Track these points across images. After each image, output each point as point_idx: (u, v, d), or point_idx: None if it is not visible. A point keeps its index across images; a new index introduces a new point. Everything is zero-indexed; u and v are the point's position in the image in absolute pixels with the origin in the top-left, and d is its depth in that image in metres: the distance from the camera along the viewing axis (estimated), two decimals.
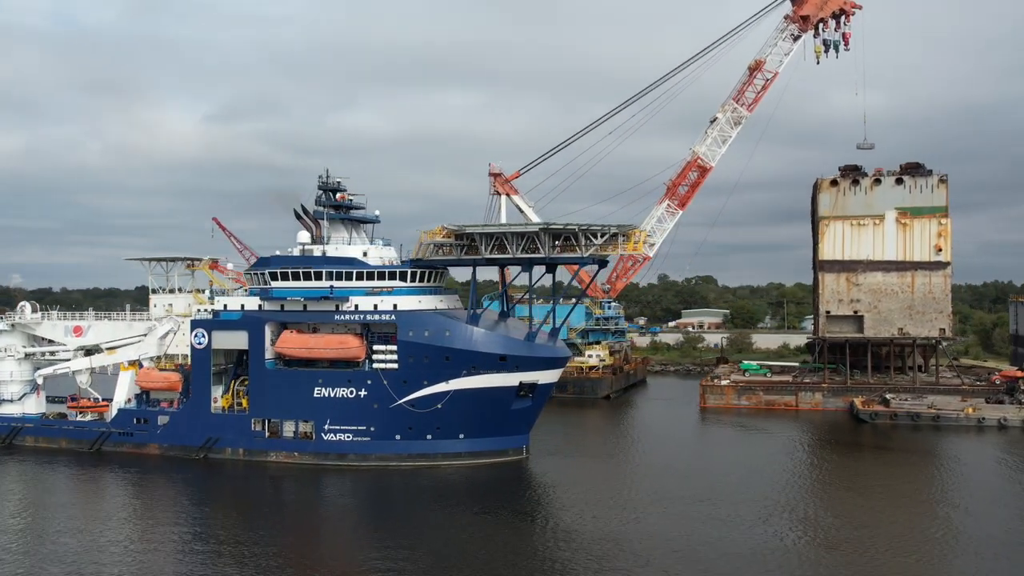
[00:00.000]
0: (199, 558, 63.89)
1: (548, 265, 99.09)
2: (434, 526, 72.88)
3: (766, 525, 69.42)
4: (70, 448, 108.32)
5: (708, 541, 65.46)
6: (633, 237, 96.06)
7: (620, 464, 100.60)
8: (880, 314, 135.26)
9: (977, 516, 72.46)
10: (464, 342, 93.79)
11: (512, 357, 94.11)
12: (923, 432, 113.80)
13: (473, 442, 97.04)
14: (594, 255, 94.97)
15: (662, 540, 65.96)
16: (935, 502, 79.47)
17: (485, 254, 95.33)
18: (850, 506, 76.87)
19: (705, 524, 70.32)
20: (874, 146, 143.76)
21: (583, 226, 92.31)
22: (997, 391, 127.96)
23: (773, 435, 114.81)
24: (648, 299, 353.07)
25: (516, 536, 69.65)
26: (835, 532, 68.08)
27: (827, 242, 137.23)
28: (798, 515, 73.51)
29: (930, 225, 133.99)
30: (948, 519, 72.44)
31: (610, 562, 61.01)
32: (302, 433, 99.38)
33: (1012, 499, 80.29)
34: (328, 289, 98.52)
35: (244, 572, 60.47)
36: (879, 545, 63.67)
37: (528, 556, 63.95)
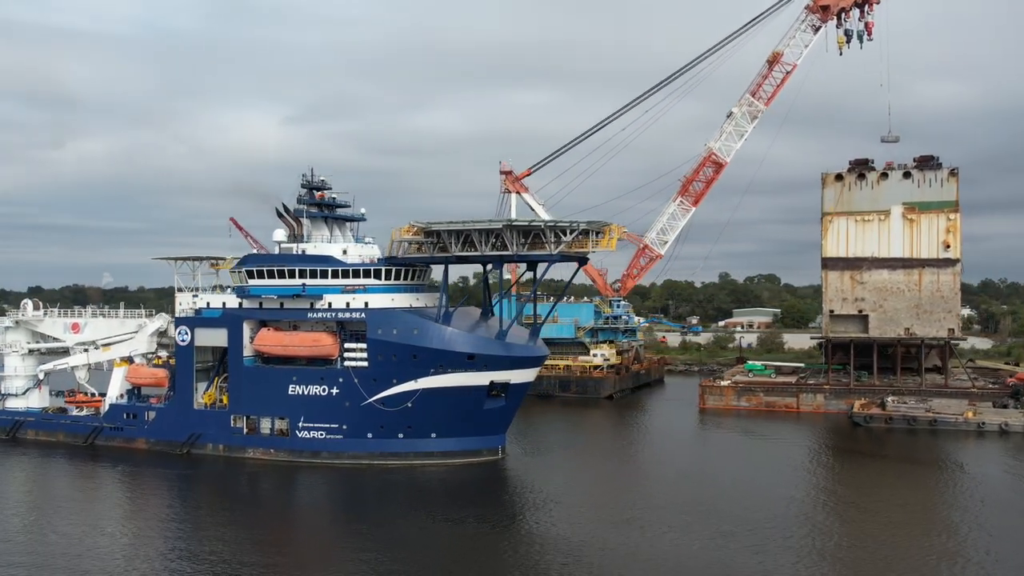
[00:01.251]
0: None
1: (528, 263, 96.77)
2: (399, 528, 70.50)
3: (734, 541, 63.83)
4: (67, 442, 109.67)
5: (669, 557, 61.17)
6: (607, 233, 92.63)
7: (599, 468, 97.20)
8: (886, 313, 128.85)
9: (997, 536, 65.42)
10: (431, 340, 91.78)
11: (480, 356, 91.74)
12: (919, 437, 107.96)
13: (445, 441, 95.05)
14: (566, 252, 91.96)
15: (624, 552, 62.05)
16: (939, 523, 71.38)
17: (455, 251, 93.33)
18: (842, 525, 69.59)
19: (670, 537, 65.69)
20: (899, 139, 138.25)
21: (550, 222, 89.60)
22: (1005, 395, 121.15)
23: (764, 439, 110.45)
24: (700, 298, 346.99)
25: (479, 540, 67.13)
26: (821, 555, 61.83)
27: (831, 239, 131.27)
28: (772, 532, 66.52)
29: (938, 220, 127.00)
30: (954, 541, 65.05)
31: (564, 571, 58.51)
32: (278, 430, 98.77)
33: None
34: (300, 287, 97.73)
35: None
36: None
37: (488, 559, 61.80)
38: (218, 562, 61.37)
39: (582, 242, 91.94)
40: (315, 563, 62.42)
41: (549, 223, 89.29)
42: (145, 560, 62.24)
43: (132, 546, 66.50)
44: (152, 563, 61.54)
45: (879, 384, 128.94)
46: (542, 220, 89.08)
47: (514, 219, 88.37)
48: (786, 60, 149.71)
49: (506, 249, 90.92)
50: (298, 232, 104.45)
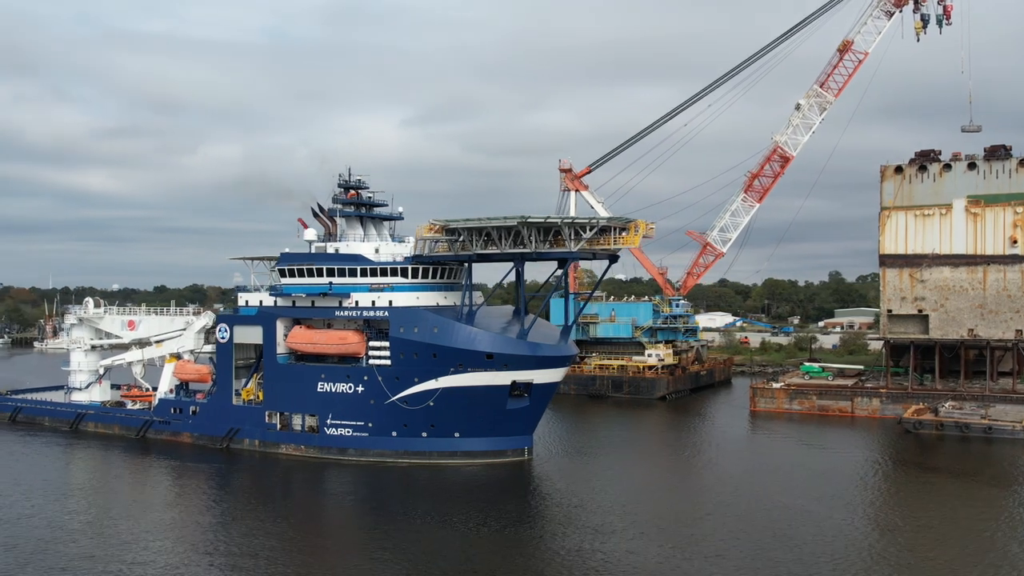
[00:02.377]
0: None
1: (559, 261, 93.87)
2: (416, 528, 69.08)
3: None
4: (121, 434, 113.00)
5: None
6: (632, 230, 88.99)
7: (630, 474, 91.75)
8: (948, 313, 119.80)
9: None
10: (450, 339, 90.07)
11: (500, 355, 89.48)
12: (972, 446, 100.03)
13: (469, 441, 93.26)
14: (587, 249, 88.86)
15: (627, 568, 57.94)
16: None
17: (475, 249, 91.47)
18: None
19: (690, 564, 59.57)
20: (981, 128, 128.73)
21: (567, 219, 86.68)
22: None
23: (809, 447, 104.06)
24: (800, 297, 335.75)
25: (489, 544, 64.70)
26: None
27: (888, 234, 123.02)
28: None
29: (1004, 214, 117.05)
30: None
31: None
32: (308, 427, 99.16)
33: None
34: (327, 286, 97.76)
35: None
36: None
37: (492, 565, 59.63)
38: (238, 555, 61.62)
39: (604, 239, 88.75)
40: (326, 563, 61.17)
41: (567, 219, 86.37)
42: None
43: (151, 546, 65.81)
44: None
45: (941, 388, 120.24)
46: (559, 217, 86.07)
47: (530, 216, 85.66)
48: (857, 48, 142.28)
49: (526, 246, 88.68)
50: (332, 231, 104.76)
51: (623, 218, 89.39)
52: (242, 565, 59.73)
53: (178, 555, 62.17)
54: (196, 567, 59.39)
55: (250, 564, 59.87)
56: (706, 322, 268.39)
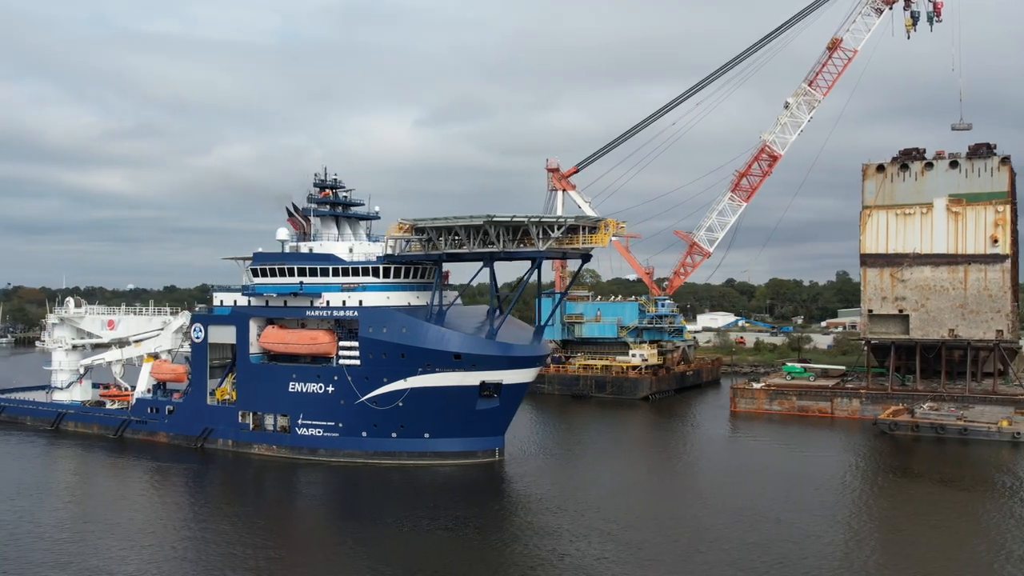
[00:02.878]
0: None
1: (531, 260, 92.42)
2: (382, 533, 67.55)
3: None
4: (100, 434, 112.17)
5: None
6: (602, 229, 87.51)
7: (602, 474, 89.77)
8: (928, 313, 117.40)
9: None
10: (418, 339, 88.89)
11: (468, 355, 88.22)
12: (947, 447, 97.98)
13: (439, 442, 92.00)
14: (556, 249, 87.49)
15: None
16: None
17: (444, 249, 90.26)
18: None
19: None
20: (971, 127, 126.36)
21: (534, 218, 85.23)
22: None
23: (786, 448, 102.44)
24: (804, 297, 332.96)
25: (450, 544, 63.73)
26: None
27: (869, 234, 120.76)
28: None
29: (985, 213, 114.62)
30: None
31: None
32: (280, 427, 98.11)
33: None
34: (298, 285, 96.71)
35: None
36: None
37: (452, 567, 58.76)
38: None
39: (573, 238, 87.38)
40: (288, 566, 60.16)
41: (534, 219, 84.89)
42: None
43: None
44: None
45: (921, 389, 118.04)
46: (526, 216, 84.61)
47: (496, 215, 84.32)
48: (846, 46, 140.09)
49: (494, 246, 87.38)
50: (307, 231, 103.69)
51: (592, 217, 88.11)
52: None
53: (137, 564, 60.59)
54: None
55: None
56: (708, 322, 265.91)
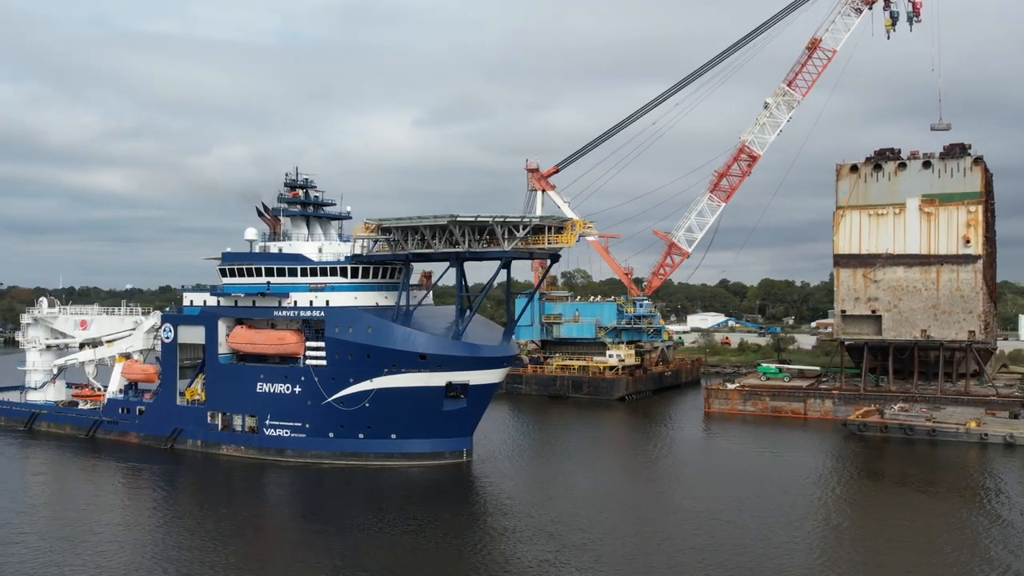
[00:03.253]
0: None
1: (503, 261, 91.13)
2: (346, 536, 66.00)
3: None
4: (72, 434, 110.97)
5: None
6: (568, 229, 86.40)
7: (571, 476, 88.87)
8: (901, 314, 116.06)
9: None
10: (384, 339, 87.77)
11: (433, 356, 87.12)
12: (916, 448, 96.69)
13: (406, 443, 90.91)
14: (522, 249, 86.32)
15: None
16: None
17: (411, 249, 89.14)
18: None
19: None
20: (950, 127, 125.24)
21: (499, 218, 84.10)
22: (1018, 404, 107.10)
23: (757, 450, 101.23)
24: (794, 297, 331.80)
25: (412, 547, 62.52)
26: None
27: (842, 234, 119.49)
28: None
29: (957, 213, 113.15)
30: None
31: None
32: (248, 427, 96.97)
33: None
34: (265, 285, 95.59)
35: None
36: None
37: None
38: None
39: (539, 239, 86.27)
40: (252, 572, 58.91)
41: (498, 218, 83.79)
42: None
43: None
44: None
45: (894, 390, 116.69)
46: (490, 216, 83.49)
47: (459, 215, 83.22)
48: (825, 46, 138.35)
49: (459, 246, 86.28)
50: (277, 230, 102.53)
51: (557, 217, 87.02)
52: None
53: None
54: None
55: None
56: (698, 322, 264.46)
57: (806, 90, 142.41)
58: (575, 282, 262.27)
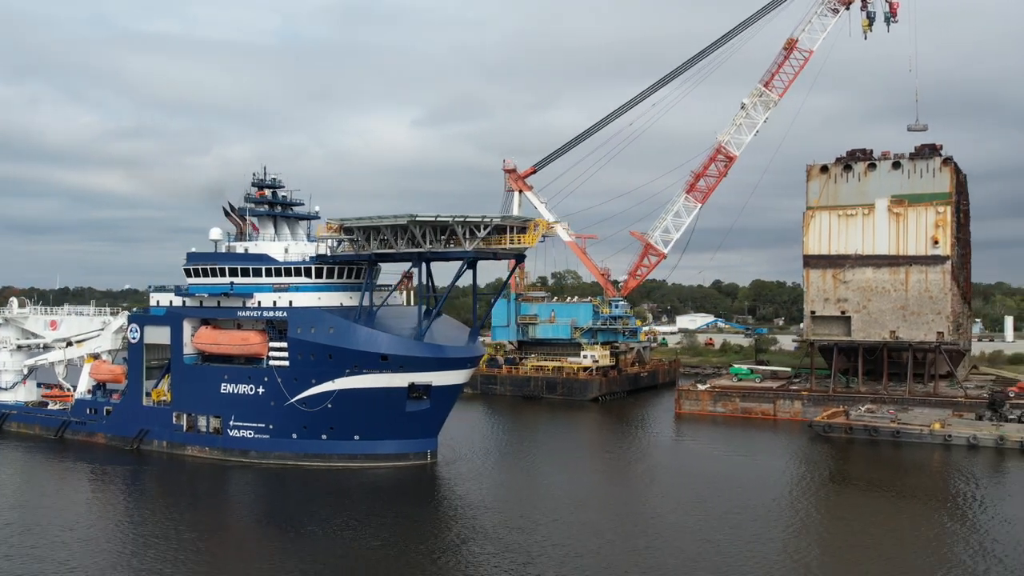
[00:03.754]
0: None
1: (468, 261, 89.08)
2: (304, 542, 63.85)
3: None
4: (41, 434, 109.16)
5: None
6: (531, 229, 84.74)
7: (536, 479, 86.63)
8: (870, 315, 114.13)
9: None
10: (345, 340, 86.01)
11: (394, 357, 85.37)
12: (881, 449, 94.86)
13: (369, 444, 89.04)
14: (484, 249, 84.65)
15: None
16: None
17: (372, 249, 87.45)
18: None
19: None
20: (927, 128, 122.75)
21: (459, 217, 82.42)
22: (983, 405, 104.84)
23: (716, 451, 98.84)
24: (785, 299, 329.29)
25: (369, 549, 60.91)
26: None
27: (812, 235, 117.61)
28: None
29: (926, 214, 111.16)
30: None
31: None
32: (213, 428, 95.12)
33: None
34: (228, 286, 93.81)
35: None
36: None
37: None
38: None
39: (501, 239, 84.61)
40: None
41: (458, 218, 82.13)
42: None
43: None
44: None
45: (863, 391, 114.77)
46: (450, 215, 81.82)
47: (418, 214, 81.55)
48: (802, 46, 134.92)
49: (420, 246, 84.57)
50: (244, 230, 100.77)
51: (519, 217, 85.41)
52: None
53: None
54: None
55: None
56: (687, 323, 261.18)
57: (783, 90, 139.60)
58: (565, 283, 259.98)
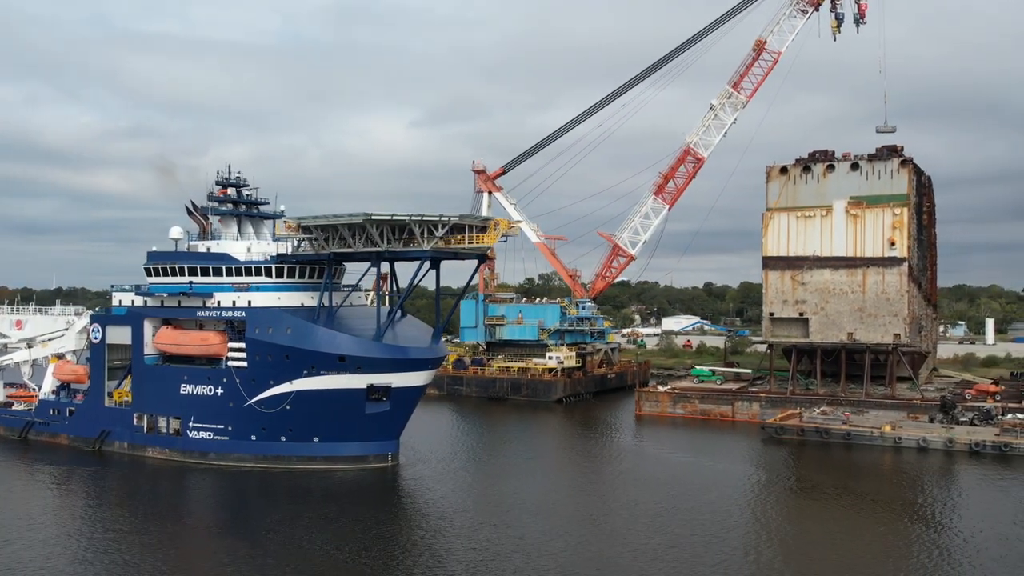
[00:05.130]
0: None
1: (430, 261, 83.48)
2: (263, 540, 59.54)
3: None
4: (5, 435, 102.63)
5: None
6: (491, 228, 79.30)
7: (498, 483, 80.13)
8: (828, 317, 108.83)
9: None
10: (302, 340, 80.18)
11: (352, 357, 79.63)
12: (832, 451, 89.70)
13: (329, 446, 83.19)
14: (442, 249, 79.03)
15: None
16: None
17: (331, 248, 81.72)
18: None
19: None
20: (895, 129, 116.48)
21: (415, 216, 76.85)
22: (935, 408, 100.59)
23: (670, 453, 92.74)
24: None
25: (324, 552, 56.20)
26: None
27: (771, 236, 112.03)
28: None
29: (883, 216, 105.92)
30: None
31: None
32: (173, 429, 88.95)
33: None
34: (188, 285, 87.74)
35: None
36: None
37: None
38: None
39: (459, 238, 79.15)
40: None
41: (415, 217, 76.53)
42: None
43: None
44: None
45: (822, 393, 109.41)
46: (406, 214, 76.31)
47: (374, 213, 75.95)
48: (771, 48, 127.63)
49: (378, 245, 78.94)
50: (207, 229, 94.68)
51: (479, 216, 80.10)
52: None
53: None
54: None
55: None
56: (672, 324, 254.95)
57: (752, 92, 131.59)
58: (552, 284, 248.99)
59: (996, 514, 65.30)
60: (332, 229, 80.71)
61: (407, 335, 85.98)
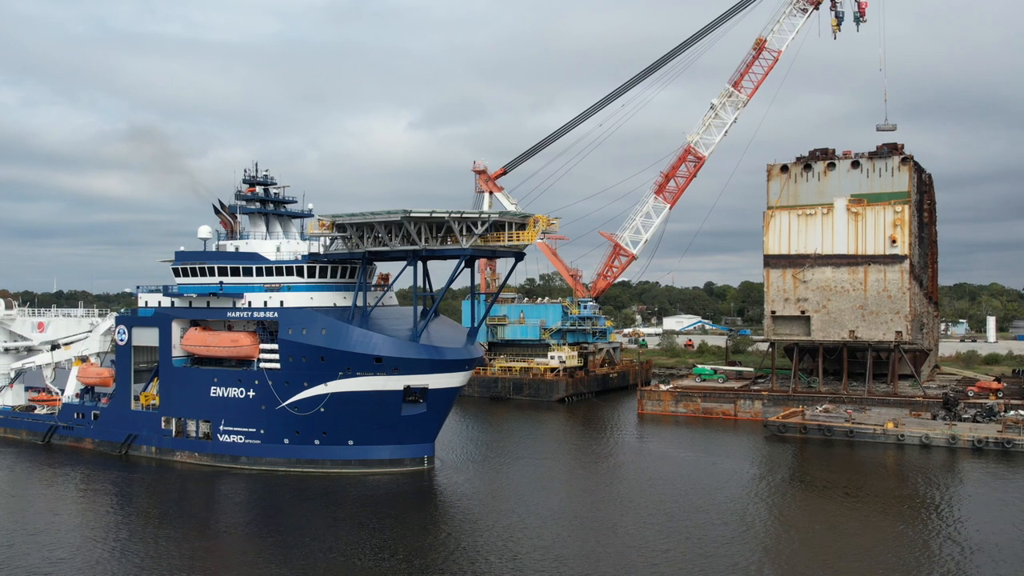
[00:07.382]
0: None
1: (466, 260, 71.51)
2: (298, 548, 48.92)
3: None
4: (28, 440, 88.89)
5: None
6: (531, 225, 68.19)
7: (530, 486, 68.79)
8: (829, 314, 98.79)
9: None
10: (338, 341, 68.49)
11: (389, 358, 68.05)
12: (835, 449, 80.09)
13: (364, 449, 71.49)
14: (481, 247, 67.99)
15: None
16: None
17: (367, 247, 70.02)
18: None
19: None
20: (896, 128, 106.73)
21: (455, 213, 65.67)
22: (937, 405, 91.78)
23: (673, 450, 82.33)
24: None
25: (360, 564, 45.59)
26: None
27: (772, 235, 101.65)
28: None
29: (884, 213, 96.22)
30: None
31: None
32: (202, 433, 76.35)
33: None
34: (217, 286, 75.27)
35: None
36: None
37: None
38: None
39: (500, 236, 68.05)
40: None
41: (455, 214, 65.38)
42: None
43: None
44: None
45: (824, 391, 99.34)
46: (446, 211, 65.13)
47: (413, 210, 64.64)
48: (771, 47, 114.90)
49: (415, 243, 67.45)
50: (235, 229, 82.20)
51: (519, 213, 68.94)
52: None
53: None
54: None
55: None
56: (673, 324, 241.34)
57: (752, 91, 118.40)
58: (553, 284, 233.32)
59: (999, 509, 58.21)
60: (367, 227, 69.10)
61: (442, 335, 74.44)
